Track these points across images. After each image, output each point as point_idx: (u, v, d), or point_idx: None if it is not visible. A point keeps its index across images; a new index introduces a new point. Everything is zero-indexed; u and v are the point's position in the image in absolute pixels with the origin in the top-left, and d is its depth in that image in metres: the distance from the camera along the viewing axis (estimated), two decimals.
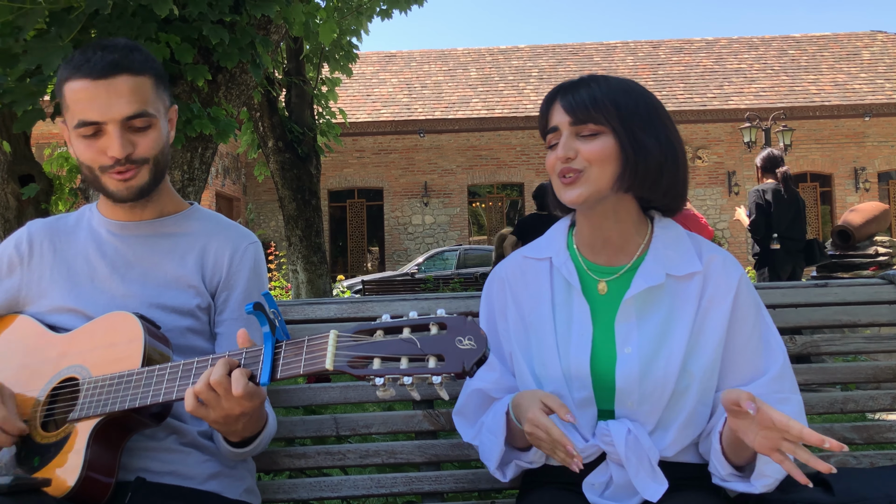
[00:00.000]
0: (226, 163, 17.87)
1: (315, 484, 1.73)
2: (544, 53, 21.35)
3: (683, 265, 1.44)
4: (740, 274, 1.45)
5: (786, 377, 1.41)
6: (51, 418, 1.42)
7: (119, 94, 1.43)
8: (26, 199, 5.20)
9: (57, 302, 1.52)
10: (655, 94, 1.57)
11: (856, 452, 1.79)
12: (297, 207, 8.00)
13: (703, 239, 1.53)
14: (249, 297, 1.58)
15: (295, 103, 8.19)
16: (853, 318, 1.87)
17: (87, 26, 3.37)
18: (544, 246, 1.56)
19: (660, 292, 1.43)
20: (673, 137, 1.44)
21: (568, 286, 1.48)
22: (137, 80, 1.46)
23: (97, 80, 1.42)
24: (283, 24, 4.39)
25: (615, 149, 1.39)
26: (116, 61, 1.44)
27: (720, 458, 1.35)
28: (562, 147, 1.41)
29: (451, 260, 16.48)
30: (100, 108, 1.43)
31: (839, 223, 7.43)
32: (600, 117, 1.38)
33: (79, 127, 1.45)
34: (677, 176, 1.44)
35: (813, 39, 21.11)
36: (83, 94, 1.43)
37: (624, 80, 1.47)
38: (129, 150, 1.46)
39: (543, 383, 1.45)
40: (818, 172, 19.19)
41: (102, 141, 1.45)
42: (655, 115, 1.43)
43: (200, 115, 3.70)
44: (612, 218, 1.45)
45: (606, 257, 1.48)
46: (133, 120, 1.45)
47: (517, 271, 1.56)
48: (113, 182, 1.48)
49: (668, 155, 1.42)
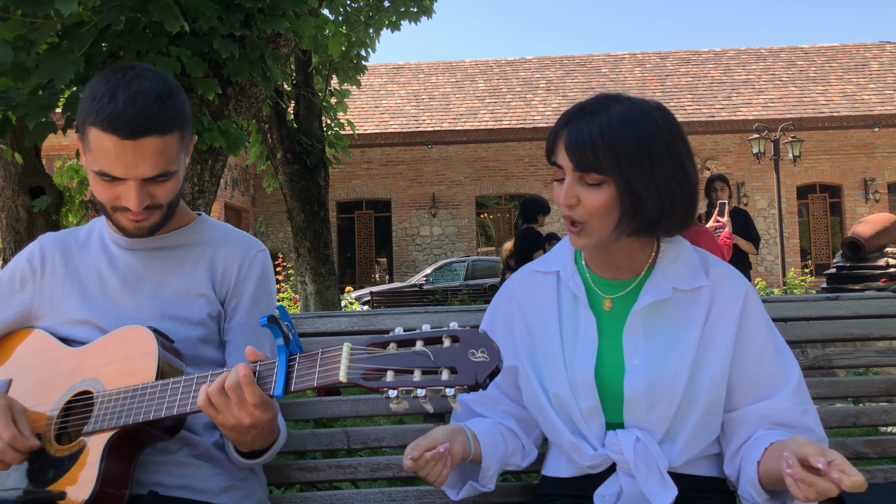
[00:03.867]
0: (234, 174, 17.95)
1: (326, 497, 1.73)
2: (552, 65, 21.40)
3: (690, 279, 1.44)
4: (747, 286, 1.46)
5: (803, 388, 1.42)
6: (65, 431, 1.42)
7: (144, 157, 1.40)
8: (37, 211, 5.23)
9: (69, 315, 1.53)
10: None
11: (869, 467, 1.78)
12: (305, 219, 8.03)
13: (709, 254, 1.53)
14: (257, 304, 1.59)
15: (303, 115, 8.24)
16: (865, 332, 1.87)
17: (99, 40, 3.40)
18: (552, 260, 1.57)
19: (667, 306, 1.43)
20: (677, 178, 1.38)
21: (575, 299, 1.49)
22: (164, 140, 1.42)
23: (124, 141, 1.38)
24: (293, 38, 4.42)
25: (615, 199, 1.37)
26: (146, 123, 1.38)
27: (757, 486, 1.34)
28: (564, 194, 1.40)
29: (460, 271, 16.49)
30: (124, 167, 1.40)
31: (849, 234, 7.41)
32: (601, 167, 1.35)
33: (100, 175, 1.43)
34: (676, 217, 1.40)
35: (821, 50, 21.11)
36: (109, 149, 1.39)
37: (629, 110, 1.38)
38: (147, 202, 1.45)
39: (550, 393, 1.46)
40: (827, 183, 19.15)
41: (120, 188, 1.43)
42: (657, 153, 1.37)
43: (211, 128, 3.72)
44: (616, 244, 1.45)
45: (613, 273, 1.49)
46: (155, 178, 1.44)
47: (525, 284, 1.57)
48: (125, 221, 1.48)
49: (666, 201, 1.37)
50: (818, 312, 1.88)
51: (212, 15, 3.50)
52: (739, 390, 1.42)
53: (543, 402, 1.46)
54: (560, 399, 1.44)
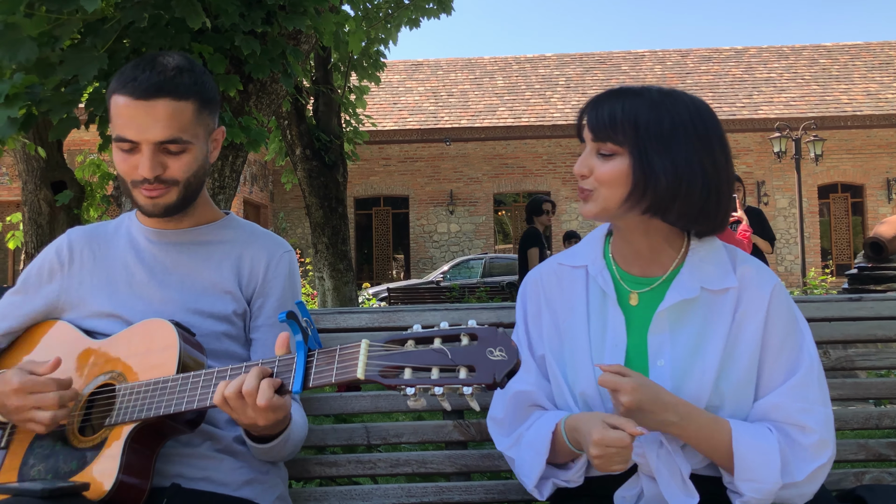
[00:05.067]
0: (253, 170, 18.04)
1: (346, 492, 1.73)
2: (571, 62, 21.32)
3: (719, 279, 1.42)
4: (773, 284, 1.43)
5: (811, 386, 1.37)
6: (88, 423, 1.44)
7: (156, 118, 1.45)
8: (59, 206, 5.29)
9: (96, 307, 1.55)
10: None
11: (892, 469, 1.76)
12: (323, 215, 8.06)
13: (738, 250, 1.50)
14: (284, 304, 1.61)
15: (322, 111, 8.26)
16: (888, 333, 1.85)
17: (122, 37, 3.43)
18: (581, 254, 1.55)
19: (694, 305, 1.41)
20: (700, 161, 1.36)
21: (603, 295, 1.47)
22: (178, 105, 1.47)
23: (138, 101, 1.44)
24: (314, 34, 4.43)
25: (627, 171, 1.37)
26: (160, 84, 1.45)
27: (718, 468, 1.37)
28: (578, 163, 1.43)
29: (477, 268, 16.47)
30: (136, 128, 1.45)
31: (871, 235, 7.32)
32: (618, 137, 1.37)
33: (117, 141, 1.48)
34: (693, 202, 1.37)
35: (844, 48, 20.89)
36: (124, 111, 1.45)
37: (659, 93, 1.40)
38: (159, 172, 1.48)
39: (576, 391, 1.44)
40: (849, 183, 18.95)
41: (136, 158, 1.48)
42: (682, 135, 1.36)
43: (232, 125, 3.74)
44: (639, 232, 1.44)
45: (640, 268, 1.47)
46: (166, 144, 1.47)
47: (552, 277, 1.55)
48: (142, 197, 1.51)
49: (684, 180, 1.35)
50: (841, 313, 1.86)
51: (234, 12, 3.52)
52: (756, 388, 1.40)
53: (569, 399, 1.45)
54: (586, 398, 1.42)
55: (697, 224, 1.42)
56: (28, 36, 2.81)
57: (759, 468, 1.30)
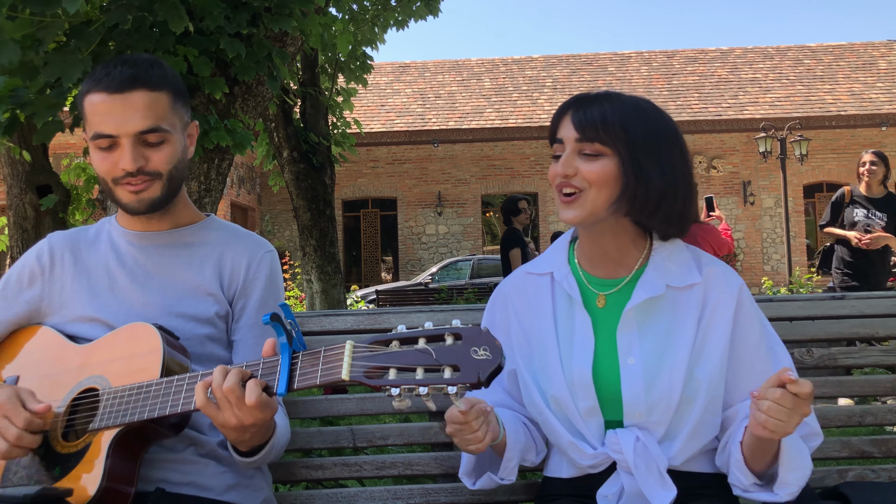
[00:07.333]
0: (241, 173, 17.97)
1: (332, 495, 1.73)
2: (558, 63, 21.36)
3: (683, 277, 1.45)
4: (740, 284, 1.47)
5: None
6: (71, 428, 1.43)
7: (134, 109, 1.46)
8: (44, 210, 5.25)
9: (78, 312, 1.54)
10: (670, 104, 1.57)
11: (874, 466, 1.78)
12: (311, 217, 8.03)
13: (703, 252, 1.54)
14: (265, 304, 1.60)
15: (310, 114, 8.24)
16: (871, 331, 1.86)
17: (106, 39, 3.41)
18: (546, 261, 1.58)
19: (660, 303, 1.44)
20: (680, 168, 1.42)
21: (569, 300, 1.49)
22: (153, 96, 1.48)
23: (114, 95, 1.46)
24: (300, 36, 4.42)
25: (616, 172, 1.39)
26: (134, 76, 1.47)
27: (742, 467, 1.35)
28: (562, 163, 1.42)
29: (465, 270, 16.47)
30: (115, 122, 1.46)
31: None
32: (607, 138, 1.39)
33: (95, 139, 1.48)
34: (676, 207, 1.43)
35: (829, 49, 21.02)
36: (100, 108, 1.46)
37: (640, 99, 1.45)
38: (142, 164, 1.48)
39: (548, 395, 1.46)
40: (834, 182, 19.04)
41: (116, 154, 1.48)
42: (666, 142, 1.42)
43: (217, 127, 3.73)
44: (609, 234, 1.47)
45: (606, 270, 1.50)
46: (147, 135, 1.48)
47: (519, 287, 1.58)
48: (125, 194, 1.51)
49: (670, 186, 1.41)
50: (823, 312, 1.88)
51: (219, 14, 3.50)
52: (734, 388, 1.43)
53: (541, 404, 1.47)
54: (558, 401, 1.45)
55: (673, 227, 1.46)
56: (11, 39, 2.80)
57: (801, 456, 1.31)
